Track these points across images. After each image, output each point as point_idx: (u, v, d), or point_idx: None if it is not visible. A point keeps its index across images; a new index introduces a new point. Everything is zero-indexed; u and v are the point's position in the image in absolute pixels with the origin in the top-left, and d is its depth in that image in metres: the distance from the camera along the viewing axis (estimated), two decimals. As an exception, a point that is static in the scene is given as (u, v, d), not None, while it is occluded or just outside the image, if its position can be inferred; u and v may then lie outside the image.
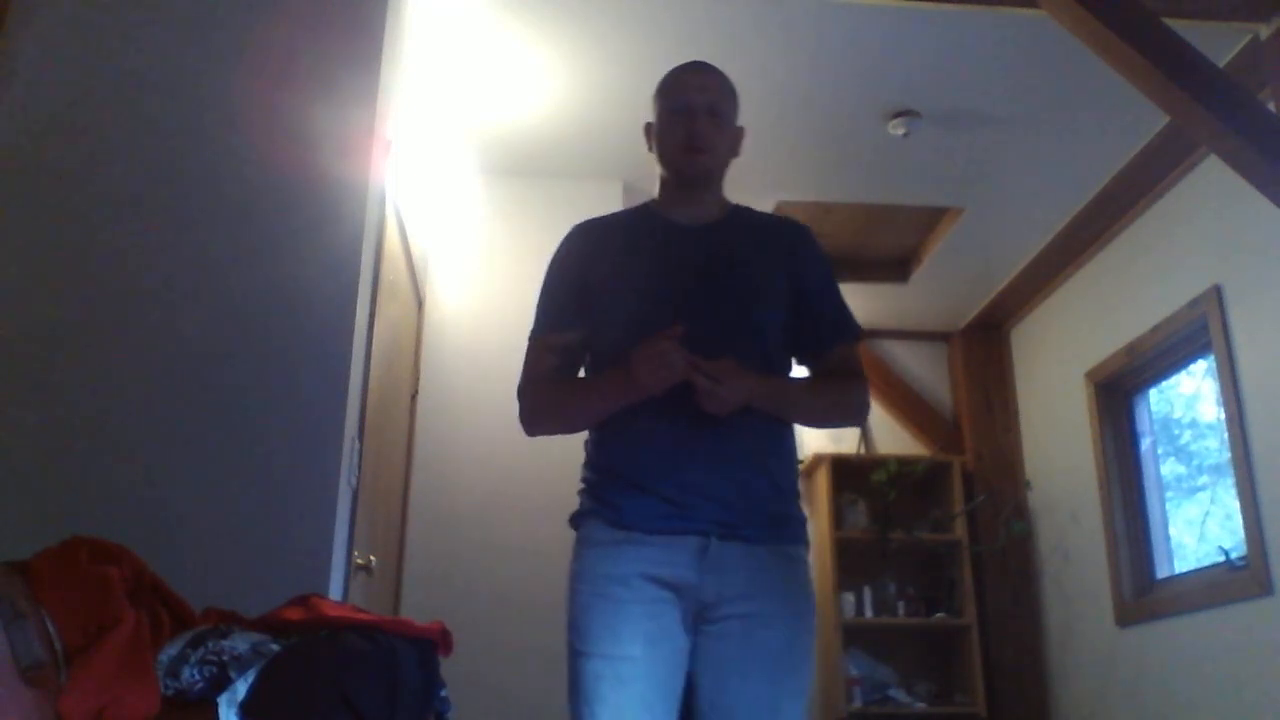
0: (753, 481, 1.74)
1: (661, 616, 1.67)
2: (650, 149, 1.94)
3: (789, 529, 1.79)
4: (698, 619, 1.69)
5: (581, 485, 1.84)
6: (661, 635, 1.66)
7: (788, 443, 1.85)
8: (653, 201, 1.97)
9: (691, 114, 1.85)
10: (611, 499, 1.75)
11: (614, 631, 1.66)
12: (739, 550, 1.70)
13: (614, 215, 2.01)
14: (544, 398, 1.88)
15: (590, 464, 1.84)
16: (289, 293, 2.38)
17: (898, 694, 4.81)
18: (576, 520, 1.81)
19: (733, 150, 1.93)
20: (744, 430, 1.74)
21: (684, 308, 1.76)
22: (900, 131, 3.74)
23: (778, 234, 1.95)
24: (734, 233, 1.91)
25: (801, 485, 5.09)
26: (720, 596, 1.68)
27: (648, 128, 1.95)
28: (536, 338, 1.91)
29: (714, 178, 1.93)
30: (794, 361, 1.93)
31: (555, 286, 1.92)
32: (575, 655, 1.69)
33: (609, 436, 1.80)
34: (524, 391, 1.89)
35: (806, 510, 1.86)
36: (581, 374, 1.92)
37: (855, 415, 1.95)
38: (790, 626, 1.72)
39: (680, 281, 1.83)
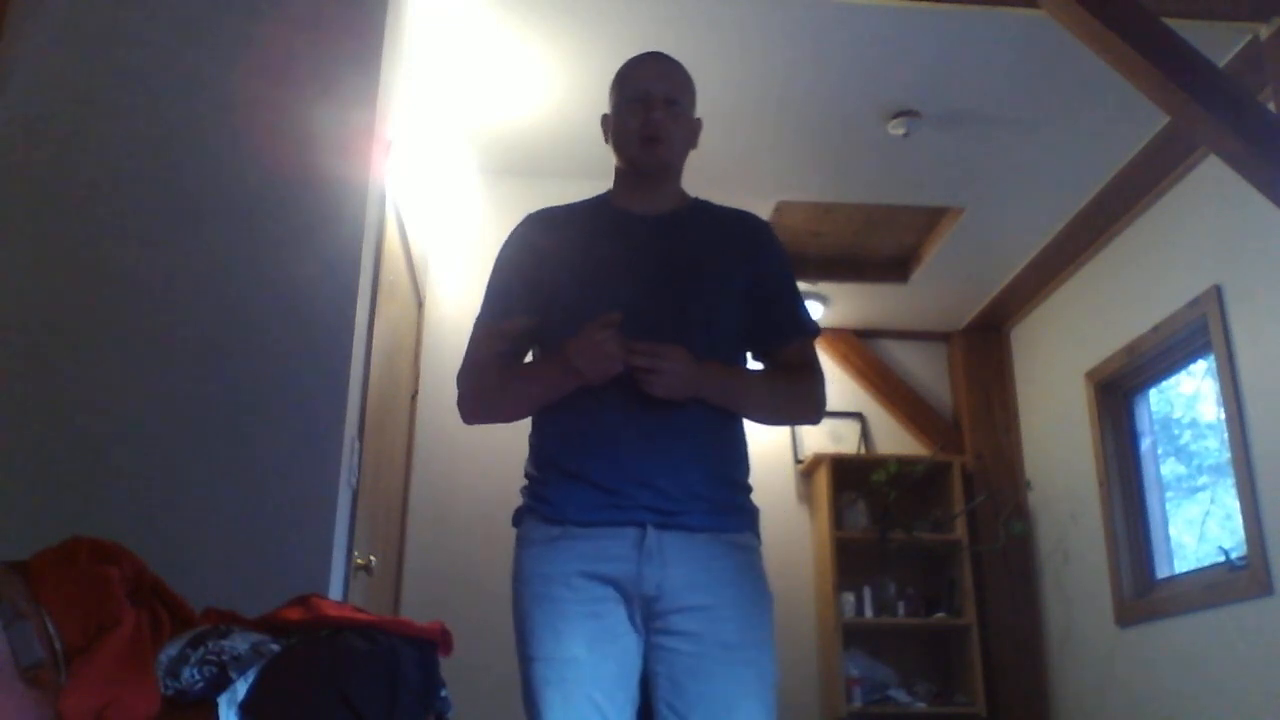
0: (691, 468, 1.68)
1: (605, 616, 1.62)
2: (607, 140, 1.91)
3: (734, 518, 1.72)
4: (647, 617, 1.63)
5: (524, 482, 1.79)
6: (606, 635, 1.61)
7: (735, 434, 1.78)
8: (608, 193, 1.93)
9: (649, 104, 1.82)
10: (546, 493, 1.71)
11: (555, 633, 1.61)
12: (679, 540, 1.64)
13: (568, 205, 1.95)
14: (483, 383, 1.83)
15: (531, 457, 1.79)
16: (289, 293, 2.38)
17: (898, 694, 4.81)
18: (515, 519, 1.77)
19: (690, 142, 1.89)
20: (685, 418, 1.69)
21: (637, 300, 1.72)
22: (900, 131, 3.74)
23: (738, 228, 1.90)
24: (692, 225, 1.86)
25: (802, 485, 5.16)
26: (663, 590, 1.62)
27: (604, 119, 1.92)
28: (483, 324, 1.86)
29: (671, 169, 1.88)
30: (749, 357, 1.88)
31: (505, 274, 1.88)
32: (521, 660, 1.65)
33: (548, 426, 1.76)
34: (464, 376, 1.84)
35: (806, 510, 1.83)
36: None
37: (812, 411, 1.87)
38: (744, 618, 1.65)
39: (634, 273, 1.78)
